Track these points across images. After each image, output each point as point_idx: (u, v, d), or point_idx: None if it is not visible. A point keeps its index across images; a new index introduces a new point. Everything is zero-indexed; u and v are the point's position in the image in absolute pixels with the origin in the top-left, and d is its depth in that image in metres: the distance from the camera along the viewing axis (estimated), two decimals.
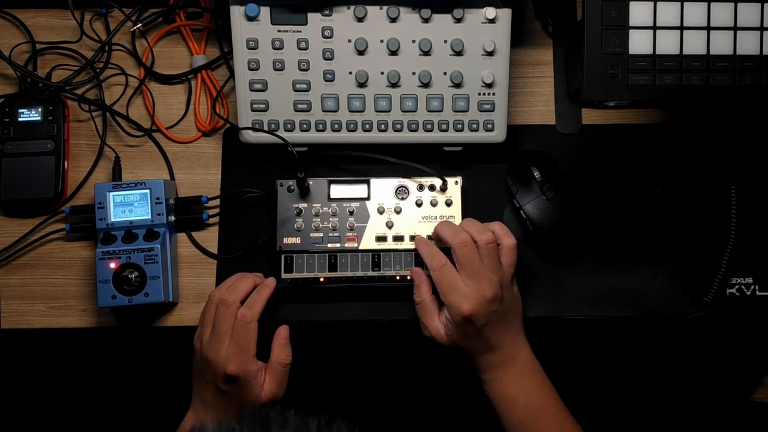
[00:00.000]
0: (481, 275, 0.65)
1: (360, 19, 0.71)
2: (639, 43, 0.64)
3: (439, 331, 0.67)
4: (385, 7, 0.70)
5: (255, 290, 0.70)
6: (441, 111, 0.73)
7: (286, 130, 0.73)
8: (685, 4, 0.63)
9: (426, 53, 0.72)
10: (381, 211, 0.74)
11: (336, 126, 0.73)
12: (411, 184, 0.75)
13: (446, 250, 0.69)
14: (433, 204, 0.74)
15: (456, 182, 0.75)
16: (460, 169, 0.77)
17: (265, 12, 0.70)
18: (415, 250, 0.73)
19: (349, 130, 0.74)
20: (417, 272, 0.70)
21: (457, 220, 0.74)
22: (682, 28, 0.64)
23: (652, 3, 0.63)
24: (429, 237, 0.73)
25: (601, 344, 1.15)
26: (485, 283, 0.65)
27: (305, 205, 0.74)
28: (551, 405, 0.67)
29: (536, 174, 0.74)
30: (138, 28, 0.79)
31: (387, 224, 0.74)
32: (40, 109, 0.76)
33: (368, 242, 0.73)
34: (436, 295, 0.68)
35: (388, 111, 0.73)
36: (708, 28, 0.64)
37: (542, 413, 0.66)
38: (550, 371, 0.69)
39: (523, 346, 0.69)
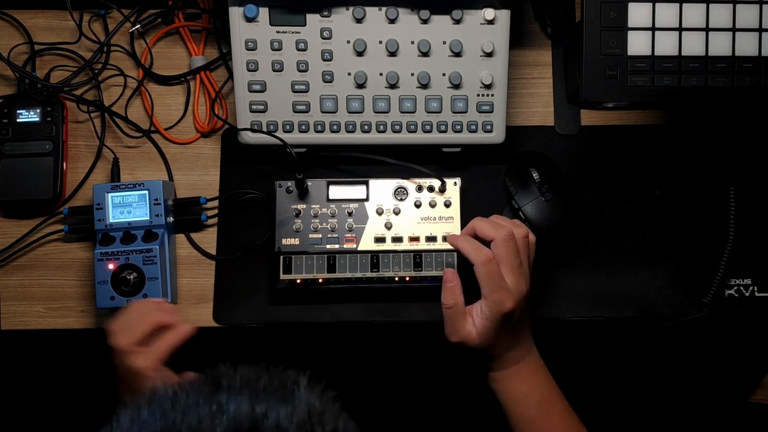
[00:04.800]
0: (520, 270, 0.64)
1: (359, 20, 0.71)
2: (638, 44, 0.64)
3: (472, 334, 0.64)
4: (383, 8, 0.70)
5: (167, 332, 0.63)
6: (440, 112, 0.73)
7: (284, 131, 0.73)
8: (684, 5, 0.63)
9: (425, 54, 0.72)
10: (380, 212, 0.74)
11: (335, 127, 0.73)
12: (410, 185, 0.75)
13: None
14: (432, 205, 0.74)
15: (455, 183, 0.75)
16: (459, 170, 0.77)
17: (263, 13, 0.70)
18: (413, 251, 0.73)
19: (347, 131, 0.73)
20: (452, 273, 0.66)
21: (456, 221, 0.74)
22: (680, 29, 0.64)
23: (650, 4, 0.63)
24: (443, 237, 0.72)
25: (601, 345, 1.15)
26: (523, 278, 0.64)
27: (304, 206, 0.74)
28: (561, 402, 0.67)
29: (535, 175, 0.74)
30: (137, 29, 0.78)
31: (386, 225, 0.74)
32: (38, 110, 0.76)
33: (367, 243, 0.73)
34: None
35: (387, 112, 0.73)
36: (707, 30, 0.64)
37: (554, 409, 0.66)
38: (550, 372, 0.69)
39: (533, 344, 0.69)
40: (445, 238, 0.73)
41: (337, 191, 0.74)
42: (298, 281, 0.72)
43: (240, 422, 0.36)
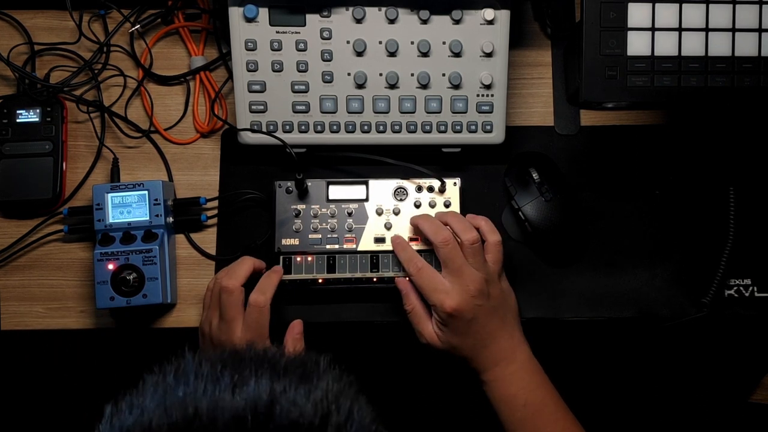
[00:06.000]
0: (463, 271, 0.66)
1: (358, 21, 0.71)
2: (637, 45, 0.64)
3: (433, 336, 0.67)
4: (383, 9, 0.70)
5: (265, 275, 0.70)
6: (439, 112, 0.73)
7: (284, 132, 0.73)
8: (684, 5, 0.63)
9: (424, 54, 0.72)
10: (379, 213, 0.74)
11: (334, 127, 0.73)
12: (409, 185, 0.75)
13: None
14: (432, 205, 0.74)
15: (454, 183, 0.75)
16: (459, 170, 0.77)
17: (263, 13, 0.70)
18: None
19: (347, 132, 0.73)
20: (401, 282, 0.71)
21: None
22: (680, 29, 0.64)
23: (650, 4, 0.63)
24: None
25: (600, 345, 1.15)
26: (468, 278, 0.66)
27: (304, 206, 0.74)
28: (552, 404, 0.67)
29: (535, 175, 0.74)
30: (136, 29, 0.78)
31: (385, 225, 0.74)
32: (38, 110, 0.76)
33: (367, 243, 0.73)
34: (425, 301, 0.68)
35: (387, 112, 0.73)
36: (706, 30, 0.64)
37: (543, 412, 0.66)
38: (550, 372, 0.69)
39: (520, 344, 0.69)
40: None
41: (336, 191, 0.74)
42: (298, 281, 0.72)
43: (258, 397, 0.37)
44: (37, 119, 0.76)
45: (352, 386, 0.41)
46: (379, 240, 0.73)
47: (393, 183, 0.75)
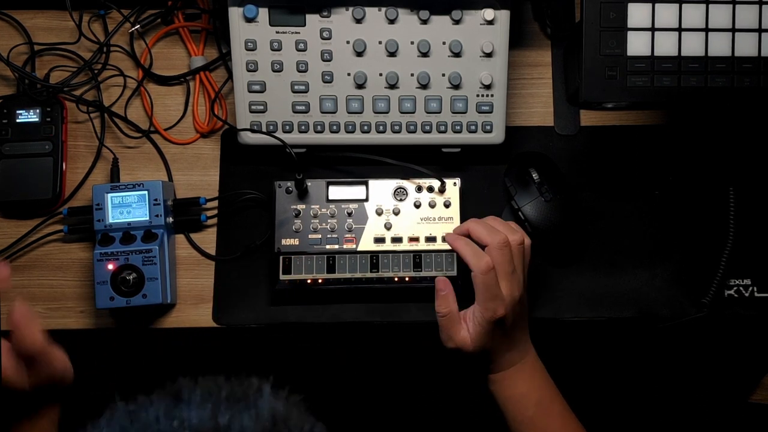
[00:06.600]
0: (513, 277, 0.64)
1: (358, 21, 0.71)
2: (637, 45, 0.64)
3: (466, 341, 0.65)
4: (383, 9, 0.70)
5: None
6: (439, 112, 0.73)
7: (284, 132, 0.73)
8: (684, 5, 0.63)
9: (424, 55, 0.72)
10: (379, 213, 0.74)
11: (334, 127, 0.73)
12: (409, 185, 0.75)
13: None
14: (432, 205, 0.74)
15: (454, 184, 0.75)
16: (459, 170, 0.77)
17: (263, 13, 0.70)
18: (413, 252, 0.73)
19: (347, 132, 0.73)
20: (443, 281, 0.68)
21: (456, 221, 0.74)
22: (680, 29, 0.64)
23: (650, 4, 0.63)
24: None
25: (600, 345, 1.15)
26: (516, 284, 0.64)
27: (303, 206, 0.74)
28: (559, 402, 0.67)
29: (534, 175, 0.74)
30: (136, 29, 0.78)
31: (385, 225, 0.74)
32: (38, 111, 0.76)
33: (367, 244, 0.73)
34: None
35: (387, 112, 0.73)
36: (706, 30, 0.64)
37: (553, 410, 0.67)
38: (550, 372, 0.69)
39: (530, 344, 0.69)
40: (444, 239, 0.73)
41: (336, 191, 0.74)
42: (298, 281, 0.72)
43: (204, 427, 0.36)
44: (37, 119, 0.76)
45: (301, 406, 0.40)
46: (379, 240, 0.73)
47: (393, 183, 0.75)
